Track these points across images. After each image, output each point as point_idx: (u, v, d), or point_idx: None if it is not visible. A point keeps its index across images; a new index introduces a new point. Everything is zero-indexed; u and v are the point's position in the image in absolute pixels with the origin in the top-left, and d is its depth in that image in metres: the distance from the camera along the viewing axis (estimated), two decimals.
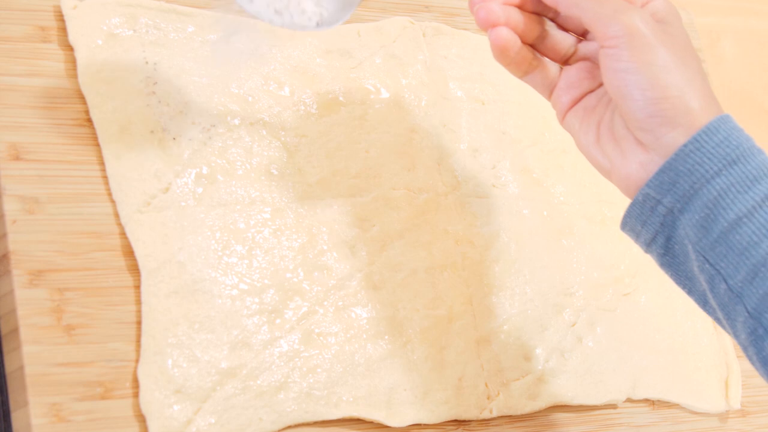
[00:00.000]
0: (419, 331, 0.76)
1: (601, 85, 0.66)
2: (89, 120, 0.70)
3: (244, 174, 0.73)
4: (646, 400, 0.84)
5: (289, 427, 0.70)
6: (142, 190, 0.69)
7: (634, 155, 0.63)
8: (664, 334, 0.86)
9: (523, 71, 0.68)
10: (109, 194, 0.69)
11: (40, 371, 0.64)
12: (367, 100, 0.79)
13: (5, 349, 0.66)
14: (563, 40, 0.68)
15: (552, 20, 0.68)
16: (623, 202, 0.88)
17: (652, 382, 0.84)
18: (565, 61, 0.68)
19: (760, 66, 1.10)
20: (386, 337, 0.75)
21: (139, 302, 0.68)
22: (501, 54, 0.66)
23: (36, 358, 0.64)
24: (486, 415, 0.76)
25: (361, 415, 0.72)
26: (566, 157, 0.87)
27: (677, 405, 0.85)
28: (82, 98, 0.70)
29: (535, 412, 0.79)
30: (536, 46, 0.68)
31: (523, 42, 0.67)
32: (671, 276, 0.65)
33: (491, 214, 0.82)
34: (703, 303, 0.64)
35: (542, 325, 0.81)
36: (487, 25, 0.66)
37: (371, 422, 0.73)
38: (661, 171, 0.61)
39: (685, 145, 0.60)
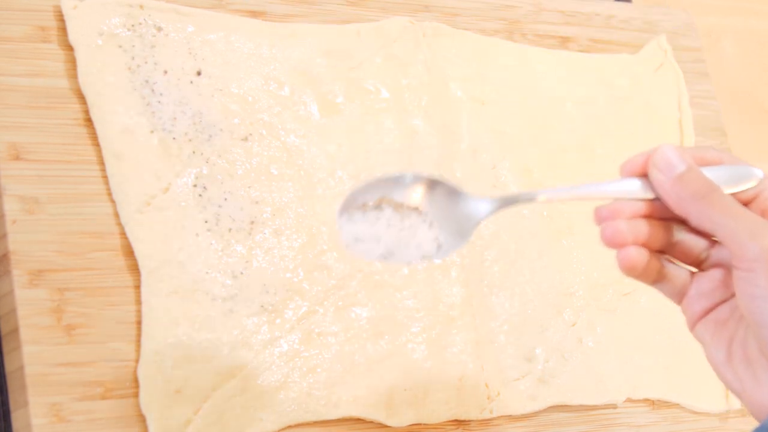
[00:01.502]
0: (419, 331, 0.76)
1: (734, 295, 0.60)
2: (89, 120, 0.70)
3: (244, 174, 0.73)
4: (646, 400, 0.84)
5: (289, 426, 0.70)
6: (142, 190, 0.69)
7: None
8: (664, 334, 0.86)
9: (653, 280, 0.63)
10: (109, 194, 0.69)
11: (40, 371, 0.64)
12: (367, 100, 0.79)
13: (5, 349, 0.66)
14: (695, 246, 0.63)
15: (683, 224, 0.63)
16: None
17: (652, 382, 0.84)
18: (698, 264, 0.63)
19: (760, 66, 1.10)
20: (386, 337, 0.75)
21: (139, 302, 0.68)
22: (629, 272, 0.62)
23: (36, 358, 0.64)
24: (486, 415, 0.77)
25: (361, 414, 0.72)
26: (566, 157, 0.87)
27: (677, 405, 0.85)
28: (82, 98, 0.70)
29: (535, 412, 0.79)
30: (667, 251, 0.63)
31: (651, 250, 0.62)
32: None
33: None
34: None
35: (542, 325, 0.81)
36: (614, 245, 0.61)
37: (371, 422, 0.73)
38: None
39: None
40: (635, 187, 0.61)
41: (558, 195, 0.63)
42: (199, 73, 0.74)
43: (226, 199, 0.72)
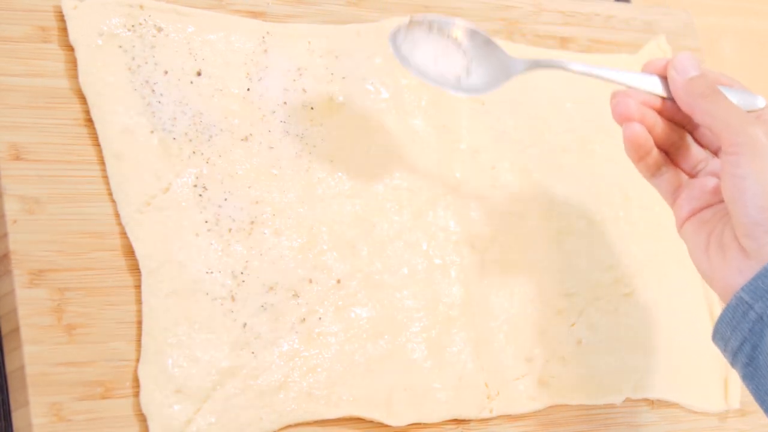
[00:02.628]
0: (419, 331, 0.76)
1: (721, 201, 0.68)
2: (89, 120, 0.70)
3: (245, 174, 0.73)
4: (646, 400, 0.84)
5: (289, 426, 0.70)
6: (142, 190, 0.69)
7: (736, 262, 0.64)
8: (664, 334, 0.86)
9: (651, 173, 0.71)
10: (110, 194, 0.69)
11: (40, 371, 0.64)
12: (367, 100, 0.80)
13: (6, 349, 0.66)
14: (696, 154, 0.72)
15: (690, 133, 0.72)
16: (623, 203, 0.89)
17: (651, 382, 0.84)
18: (694, 175, 0.71)
19: (760, 66, 1.10)
20: (386, 337, 0.75)
21: (139, 302, 0.68)
22: (631, 148, 0.70)
23: (36, 358, 0.64)
24: (486, 414, 0.77)
25: (361, 414, 0.72)
26: (566, 157, 0.87)
27: (676, 404, 0.85)
28: (82, 98, 0.70)
29: (535, 412, 0.79)
30: (670, 153, 0.71)
31: (658, 146, 0.70)
32: (751, 390, 0.65)
33: (491, 214, 0.82)
34: None
35: (542, 325, 0.81)
36: (621, 119, 0.70)
37: (371, 421, 0.73)
38: (757, 276, 0.62)
39: None
40: (654, 82, 0.70)
41: (586, 70, 0.71)
42: (199, 74, 0.74)
43: (226, 199, 0.72)
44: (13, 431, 0.65)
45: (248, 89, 0.75)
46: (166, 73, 0.73)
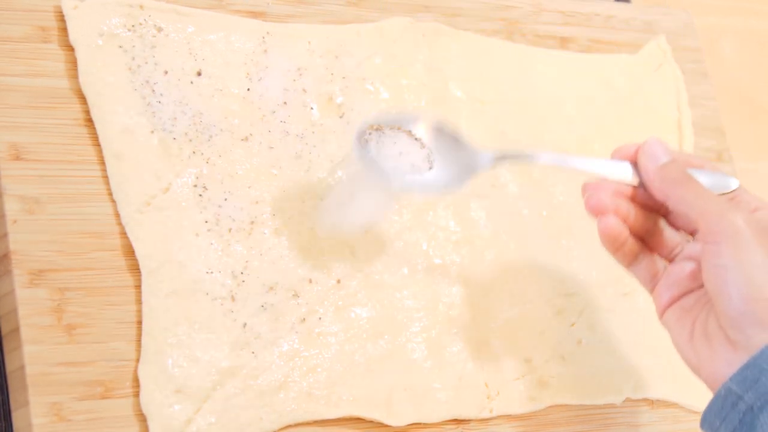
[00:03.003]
0: (419, 331, 0.76)
1: (701, 286, 0.67)
2: (89, 120, 0.70)
3: (245, 174, 0.73)
4: (646, 400, 0.84)
5: (289, 426, 0.70)
6: (143, 190, 0.70)
7: (723, 353, 0.63)
8: (664, 334, 0.86)
9: (628, 262, 0.70)
10: (110, 194, 0.69)
11: (40, 371, 0.64)
12: (367, 101, 0.80)
13: (6, 349, 0.66)
14: (672, 238, 0.70)
15: (664, 217, 0.71)
16: None
17: (651, 382, 0.84)
18: (671, 259, 0.70)
19: (760, 66, 1.10)
20: (386, 336, 0.75)
21: (139, 302, 0.68)
22: (607, 241, 0.69)
23: (36, 358, 0.64)
24: (485, 414, 0.77)
25: (361, 414, 0.72)
26: None
27: (676, 404, 0.85)
28: (82, 98, 0.70)
29: (534, 412, 0.79)
30: (645, 240, 0.70)
31: (633, 234, 0.69)
32: None
33: (491, 214, 0.82)
34: None
35: (542, 325, 0.81)
36: (596, 213, 0.69)
37: (371, 421, 0.73)
38: (745, 367, 0.61)
39: None
40: (624, 170, 0.69)
41: (553, 160, 0.71)
42: (199, 74, 0.74)
43: (226, 199, 0.72)
44: (13, 431, 0.65)
45: (248, 89, 0.75)
46: (166, 73, 0.73)
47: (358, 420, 0.73)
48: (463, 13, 0.87)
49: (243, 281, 0.71)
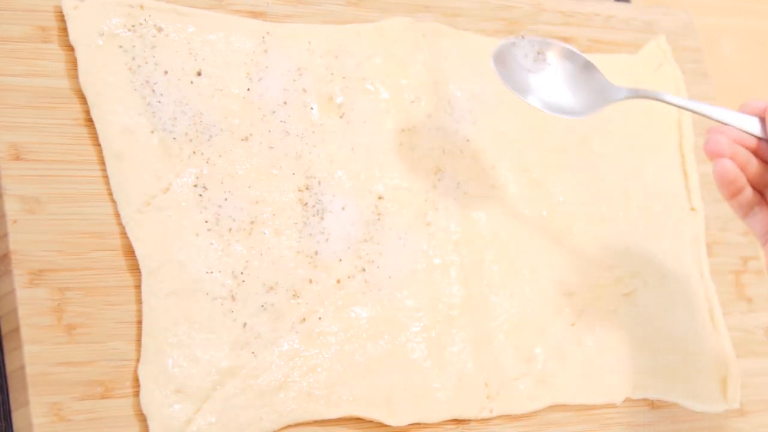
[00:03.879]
0: (419, 331, 0.76)
1: None
2: (89, 120, 0.70)
3: (245, 174, 0.73)
4: (645, 400, 0.84)
5: (289, 426, 0.70)
6: (143, 190, 0.70)
7: None
8: (664, 334, 0.86)
9: (744, 212, 0.70)
10: (110, 194, 0.69)
11: (40, 371, 0.64)
12: (367, 100, 0.80)
13: (6, 349, 0.66)
14: None
15: None
16: (623, 203, 0.88)
17: (651, 382, 0.84)
18: None
19: (760, 66, 1.10)
20: (386, 336, 0.75)
21: (139, 302, 0.68)
22: (721, 184, 0.69)
23: (36, 358, 0.64)
24: (485, 414, 0.77)
25: (361, 414, 0.72)
26: (566, 157, 0.87)
27: (676, 405, 0.85)
28: (82, 98, 0.70)
29: (535, 412, 0.79)
30: (764, 194, 0.70)
31: (752, 186, 0.70)
32: None
33: (491, 214, 0.82)
34: None
35: (542, 325, 0.81)
36: (712, 155, 0.69)
37: (371, 421, 0.73)
38: None
39: None
40: (751, 122, 0.70)
41: (684, 104, 0.73)
42: (199, 74, 0.74)
43: (226, 199, 0.72)
44: (13, 431, 0.65)
45: (248, 89, 0.75)
46: (166, 73, 0.73)
47: (358, 420, 0.73)
48: (463, 13, 0.87)
49: (243, 281, 0.71)
